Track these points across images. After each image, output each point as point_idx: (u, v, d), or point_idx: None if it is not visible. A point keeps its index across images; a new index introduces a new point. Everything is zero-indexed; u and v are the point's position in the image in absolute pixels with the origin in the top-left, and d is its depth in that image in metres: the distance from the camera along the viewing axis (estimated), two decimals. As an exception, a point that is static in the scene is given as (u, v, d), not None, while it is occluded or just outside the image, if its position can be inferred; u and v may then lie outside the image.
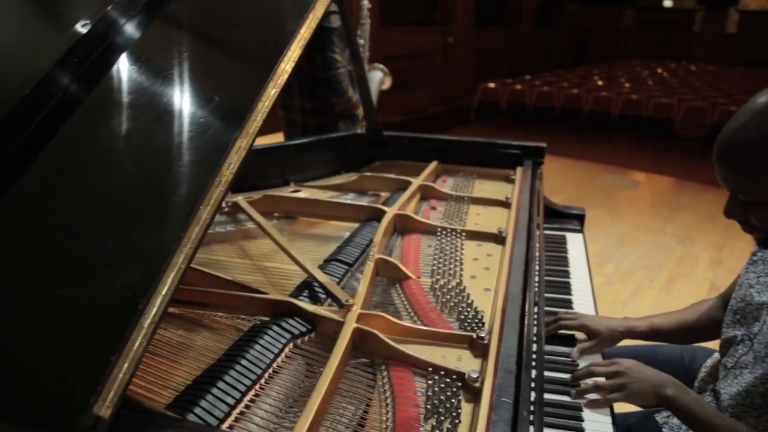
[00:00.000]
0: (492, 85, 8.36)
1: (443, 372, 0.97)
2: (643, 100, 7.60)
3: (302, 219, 1.64)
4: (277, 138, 2.90)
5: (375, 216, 1.53)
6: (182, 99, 0.99)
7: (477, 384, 0.93)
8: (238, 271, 1.34)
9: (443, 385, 0.94)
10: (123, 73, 1.00)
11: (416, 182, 1.76)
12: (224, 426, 0.85)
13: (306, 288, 1.20)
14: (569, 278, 1.71)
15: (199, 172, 0.88)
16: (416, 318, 1.16)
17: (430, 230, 1.51)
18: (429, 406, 0.91)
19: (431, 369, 0.97)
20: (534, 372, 1.05)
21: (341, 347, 0.98)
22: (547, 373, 1.27)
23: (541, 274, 1.42)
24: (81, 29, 0.97)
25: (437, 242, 1.47)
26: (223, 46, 1.15)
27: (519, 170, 1.92)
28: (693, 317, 1.46)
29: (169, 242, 0.78)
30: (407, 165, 2.02)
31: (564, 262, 1.80)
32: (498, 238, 1.47)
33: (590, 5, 13.25)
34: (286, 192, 1.78)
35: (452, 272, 1.32)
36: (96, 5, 1.01)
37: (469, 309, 1.16)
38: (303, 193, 1.78)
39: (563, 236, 1.97)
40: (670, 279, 3.78)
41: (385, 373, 0.99)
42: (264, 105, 0.96)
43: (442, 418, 0.89)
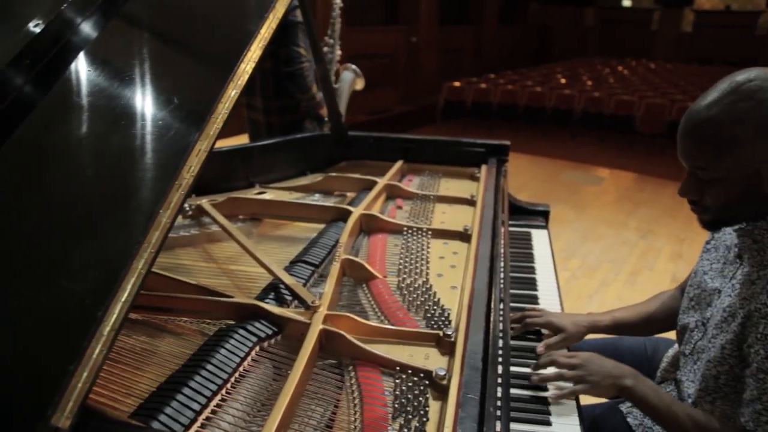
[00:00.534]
0: (457, 84, 8.43)
1: (410, 371, 0.97)
2: (605, 98, 7.77)
3: (268, 221, 1.63)
4: (244, 139, 2.88)
5: (341, 216, 1.53)
6: (141, 101, 0.97)
7: (444, 381, 0.94)
8: (203, 275, 1.32)
9: (411, 384, 0.95)
10: (79, 75, 0.98)
11: (382, 182, 1.76)
12: (190, 432, 0.83)
13: (272, 290, 1.19)
14: (535, 274, 1.74)
15: (159, 176, 0.86)
16: (383, 317, 1.16)
17: (397, 229, 1.52)
18: (397, 405, 0.91)
19: (398, 368, 0.98)
20: (501, 368, 1.06)
21: (308, 349, 0.97)
22: (515, 368, 1.29)
23: (506, 271, 1.44)
24: (34, 29, 0.94)
25: (403, 241, 1.47)
26: (182, 47, 1.13)
27: (484, 168, 1.94)
28: (653, 309, 1.50)
29: (129, 247, 0.76)
30: (373, 165, 2.02)
31: (529, 258, 1.82)
32: (464, 236, 1.48)
33: (552, 4, 13.47)
34: (251, 194, 1.76)
35: (419, 271, 1.33)
36: (49, 4, 0.99)
37: (436, 307, 1.17)
38: (268, 195, 1.76)
39: (528, 233, 2.00)
40: (634, 272, 3.87)
41: (353, 374, 0.99)
42: (224, 106, 0.95)
43: (410, 417, 0.89)
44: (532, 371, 1.28)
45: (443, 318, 1.12)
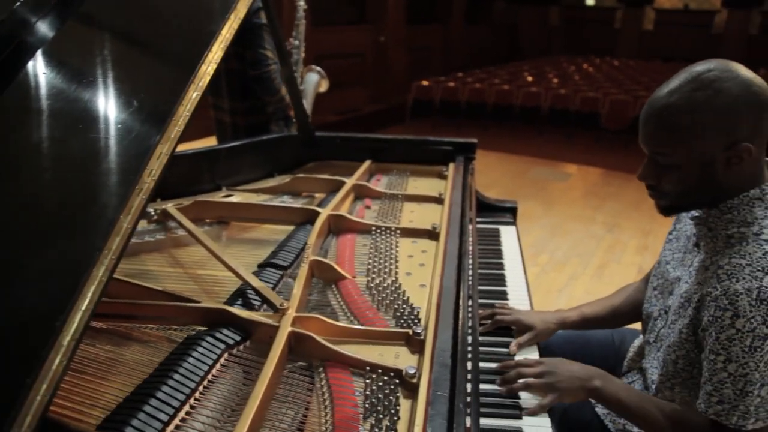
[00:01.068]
0: (425, 83, 8.47)
1: (381, 370, 0.97)
2: (571, 95, 7.90)
3: (236, 224, 1.61)
4: (214, 141, 2.84)
5: (309, 218, 1.52)
6: (99, 104, 0.95)
7: (414, 380, 0.94)
8: (170, 281, 1.31)
9: (381, 384, 0.95)
10: (35, 77, 0.95)
11: (350, 182, 1.76)
12: (158, 443, 0.82)
13: (240, 294, 1.18)
14: (504, 270, 1.75)
15: (119, 180, 0.84)
16: (353, 318, 1.16)
17: (365, 229, 1.52)
18: (368, 405, 0.91)
19: (369, 368, 0.98)
20: (470, 364, 1.07)
21: (277, 352, 0.96)
22: (485, 364, 1.30)
23: (475, 268, 1.45)
24: (-17, 29, 0.91)
25: (372, 241, 1.47)
26: (142, 48, 1.11)
27: (451, 166, 1.95)
28: (619, 302, 1.53)
29: (88, 254, 0.74)
30: (341, 165, 2.01)
31: (498, 255, 1.84)
32: (432, 234, 1.49)
33: (518, 4, 13.63)
34: (218, 197, 1.74)
35: (388, 270, 1.33)
36: (1, 3, 0.96)
37: (405, 306, 1.17)
38: (235, 198, 1.74)
39: (497, 229, 2.02)
40: (602, 265, 3.94)
41: (323, 375, 0.99)
42: (185, 109, 0.93)
43: (381, 416, 0.89)
44: (499, 385, 1.26)
45: (412, 316, 1.13)
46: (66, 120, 0.91)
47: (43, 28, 0.99)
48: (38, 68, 0.96)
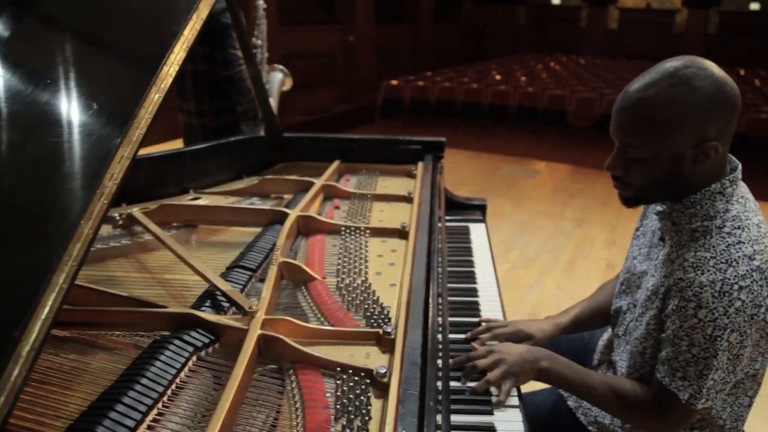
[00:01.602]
0: (395, 83, 8.48)
1: (351, 370, 0.97)
2: (539, 93, 8.00)
3: (204, 227, 1.59)
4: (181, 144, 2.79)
5: (278, 219, 1.51)
6: (58, 106, 0.93)
7: (385, 379, 0.94)
8: (137, 286, 1.28)
9: (352, 384, 0.95)
10: (-10, 80, 0.93)
11: (319, 182, 1.75)
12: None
13: (208, 298, 1.17)
14: (474, 267, 1.77)
15: (79, 185, 0.83)
16: (323, 319, 1.15)
17: (334, 230, 1.51)
18: (339, 406, 0.91)
19: (339, 369, 0.97)
20: (440, 362, 1.07)
21: (246, 355, 0.96)
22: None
23: (444, 266, 1.46)
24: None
25: (342, 241, 1.47)
26: (101, 49, 1.09)
27: (420, 165, 1.96)
28: (600, 300, 1.54)
29: (48, 261, 0.73)
30: (310, 165, 2.00)
31: (468, 252, 1.85)
32: (401, 233, 1.49)
33: (485, 3, 13.75)
34: (185, 200, 1.71)
35: (357, 270, 1.33)
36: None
37: (375, 305, 1.17)
38: (203, 200, 1.72)
39: (466, 227, 2.03)
40: (571, 261, 4.00)
41: (294, 378, 0.99)
42: (147, 111, 0.92)
43: (353, 417, 0.89)
44: (463, 381, 1.26)
45: (383, 316, 1.13)
46: (23, 123, 0.89)
47: (-2, 29, 0.97)
48: (-7, 70, 0.94)
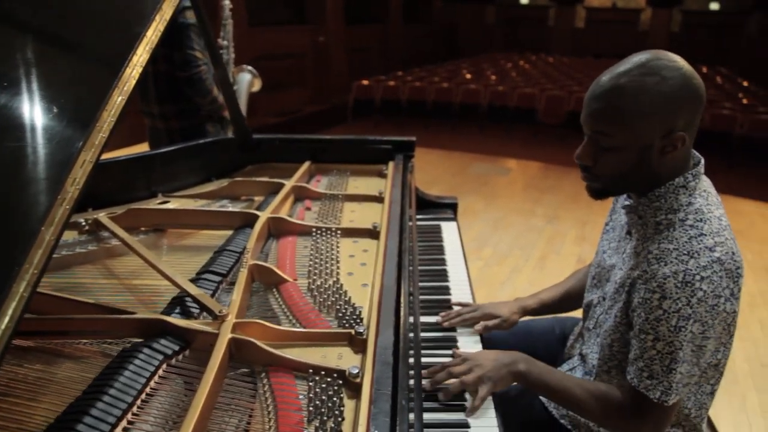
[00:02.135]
0: (366, 83, 8.48)
1: (324, 372, 0.97)
2: (509, 91, 8.10)
3: (173, 231, 1.57)
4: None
5: (248, 222, 1.50)
6: (16, 109, 0.90)
7: (357, 380, 0.94)
8: (104, 293, 1.26)
9: (325, 385, 0.95)
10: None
11: (289, 184, 1.74)
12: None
13: (178, 303, 1.15)
14: (446, 266, 1.78)
15: (40, 190, 0.81)
16: (295, 321, 1.15)
17: (306, 231, 1.51)
18: (312, 408, 0.91)
19: (312, 370, 0.97)
20: (412, 360, 1.07)
21: (217, 360, 0.95)
22: (427, 360, 1.31)
23: (415, 264, 1.46)
24: None
25: (313, 243, 1.46)
26: (62, 51, 1.06)
27: (391, 165, 1.97)
28: (571, 286, 1.59)
29: (7, 269, 0.71)
30: (280, 167, 1.99)
31: (440, 251, 1.86)
32: (373, 233, 1.50)
33: (455, 3, 13.84)
34: (153, 204, 1.69)
35: (329, 271, 1.32)
36: None
37: (347, 306, 1.17)
38: (172, 204, 1.70)
39: (438, 225, 2.04)
40: (542, 257, 4.05)
41: (266, 381, 0.98)
42: (110, 114, 0.90)
43: (325, 418, 0.89)
44: (430, 386, 1.24)
45: (355, 316, 1.13)
46: (-20, 128, 0.86)
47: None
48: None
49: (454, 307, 1.56)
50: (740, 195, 5.48)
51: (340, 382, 0.95)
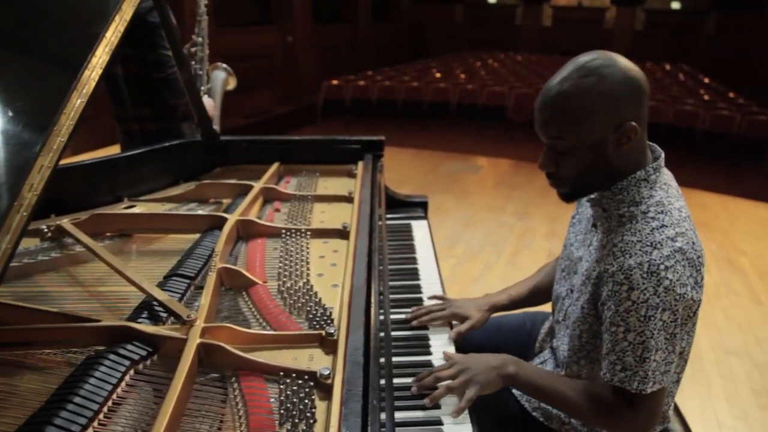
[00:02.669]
0: (336, 83, 8.47)
1: (295, 374, 0.96)
2: (478, 90, 8.17)
3: (140, 236, 1.54)
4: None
5: (216, 224, 1.48)
6: (-29, 116, 0.88)
7: (328, 381, 0.94)
8: (69, 301, 1.23)
9: (296, 388, 0.94)
10: None
11: (258, 185, 1.73)
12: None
13: (144, 309, 1.13)
14: (417, 264, 1.78)
15: (-4, 197, 0.78)
16: (265, 324, 1.14)
17: (275, 233, 1.50)
18: (283, 411, 0.90)
19: (282, 373, 0.96)
20: (383, 360, 1.07)
21: (185, 365, 0.93)
22: (398, 359, 1.31)
23: (385, 264, 1.46)
24: None
25: (283, 244, 1.45)
26: (17, 52, 1.03)
27: (360, 165, 1.96)
28: (540, 280, 1.61)
29: (-38, 280, 0.69)
30: (249, 169, 1.97)
31: (411, 250, 1.87)
32: (342, 234, 1.49)
33: (423, 2, 13.91)
34: (119, 209, 1.65)
35: (299, 273, 1.32)
36: None
37: (318, 307, 1.16)
38: (138, 209, 1.67)
39: (409, 224, 2.05)
40: (514, 253, 4.09)
41: (236, 385, 0.97)
42: (69, 118, 0.88)
43: (297, 421, 0.89)
44: (417, 391, 1.22)
45: (325, 317, 1.12)
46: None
47: None
48: None
49: (426, 301, 1.57)
50: (704, 188, 5.63)
51: (312, 384, 0.95)
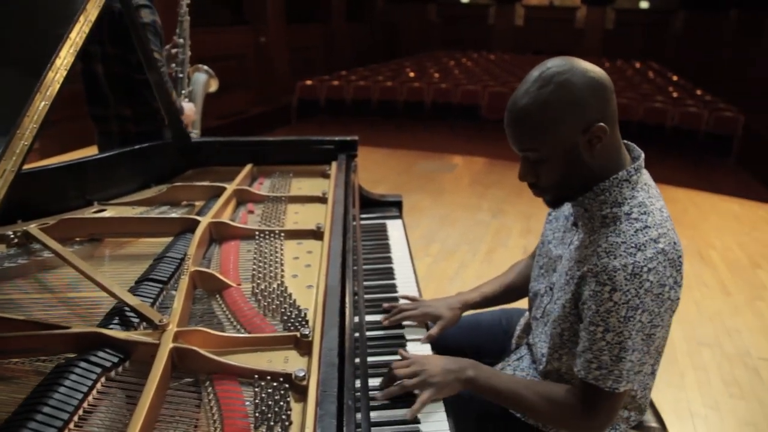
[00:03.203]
0: (310, 83, 8.44)
1: (269, 376, 0.95)
2: (452, 89, 8.22)
3: (111, 240, 1.51)
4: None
5: (188, 227, 1.46)
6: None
7: (304, 382, 0.93)
8: (37, 308, 1.20)
9: (271, 390, 0.93)
10: None
11: (231, 187, 1.71)
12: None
13: (116, 314, 1.11)
14: (392, 263, 1.78)
15: (-43, 203, 0.77)
16: (240, 327, 1.13)
17: (248, 235, 1.49)
18: (258, 414, 0.89)
19: (257, 376, 0.96)
20: (358, 360, 1.07)
21: (158, 371, 0.92)
22: (373, 359, 1.31)
23: (359, 264, 1.46)
24: None
25: (256, 246, 1.44)
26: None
27: (334, 165, 1.96)
28: (512, 278, 1.63)
29: None
30: (222, 170, 1.95)
31: (386, 249, 1.87)
32: (317, 234, 1.49)
33: (396, 2, 13.94)
34: (89, 213, 1.62)
35: (273, 274, 1.31)
36: None
37: (293, 309, 1.16)
38: (108, 212, 1.64)
39: (383, 224, 2.05)
40: (490, 250, 4.12)
41: (211, 389, 0.96)
42: (32, 121, 0.86)
43: (273, 423, 0.88)
44: (380, 389, 1.23)
45: (300, 318, 1.12)
46: None
47: None
48: None
49: (401, 300, 1.57)
50: (673, 183, 5.75)
51: (287, 386, 0.94)
